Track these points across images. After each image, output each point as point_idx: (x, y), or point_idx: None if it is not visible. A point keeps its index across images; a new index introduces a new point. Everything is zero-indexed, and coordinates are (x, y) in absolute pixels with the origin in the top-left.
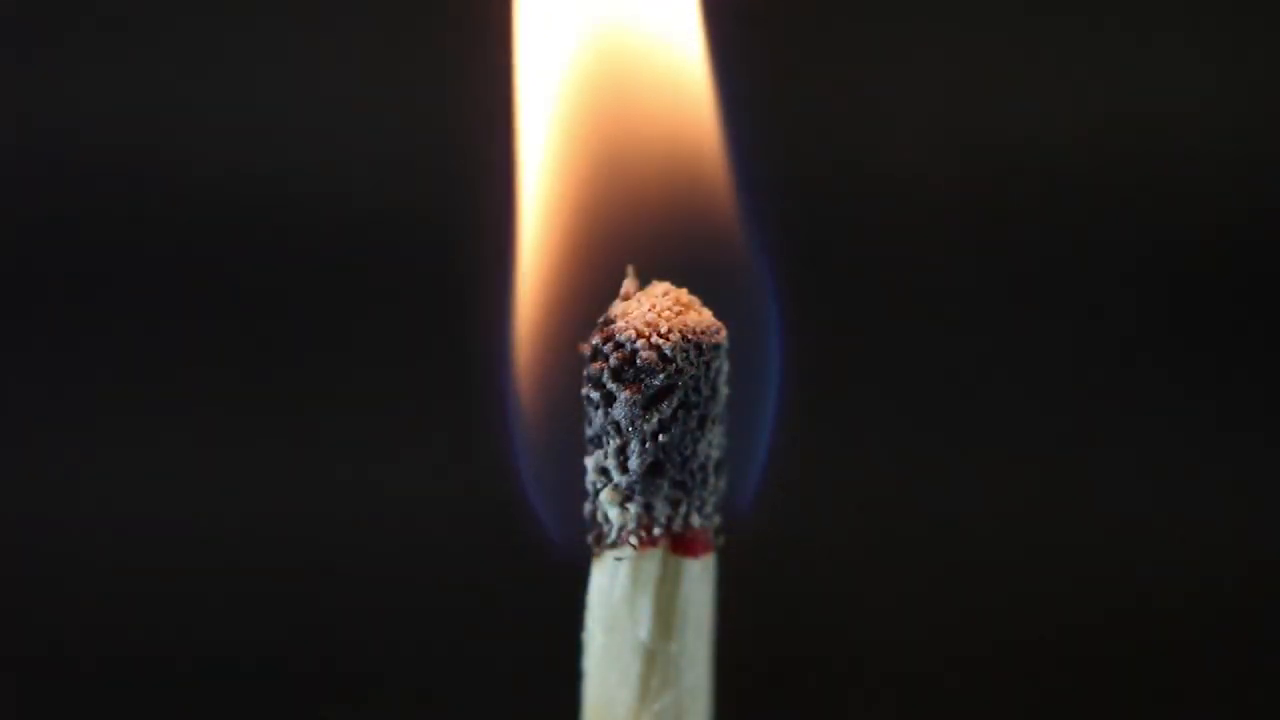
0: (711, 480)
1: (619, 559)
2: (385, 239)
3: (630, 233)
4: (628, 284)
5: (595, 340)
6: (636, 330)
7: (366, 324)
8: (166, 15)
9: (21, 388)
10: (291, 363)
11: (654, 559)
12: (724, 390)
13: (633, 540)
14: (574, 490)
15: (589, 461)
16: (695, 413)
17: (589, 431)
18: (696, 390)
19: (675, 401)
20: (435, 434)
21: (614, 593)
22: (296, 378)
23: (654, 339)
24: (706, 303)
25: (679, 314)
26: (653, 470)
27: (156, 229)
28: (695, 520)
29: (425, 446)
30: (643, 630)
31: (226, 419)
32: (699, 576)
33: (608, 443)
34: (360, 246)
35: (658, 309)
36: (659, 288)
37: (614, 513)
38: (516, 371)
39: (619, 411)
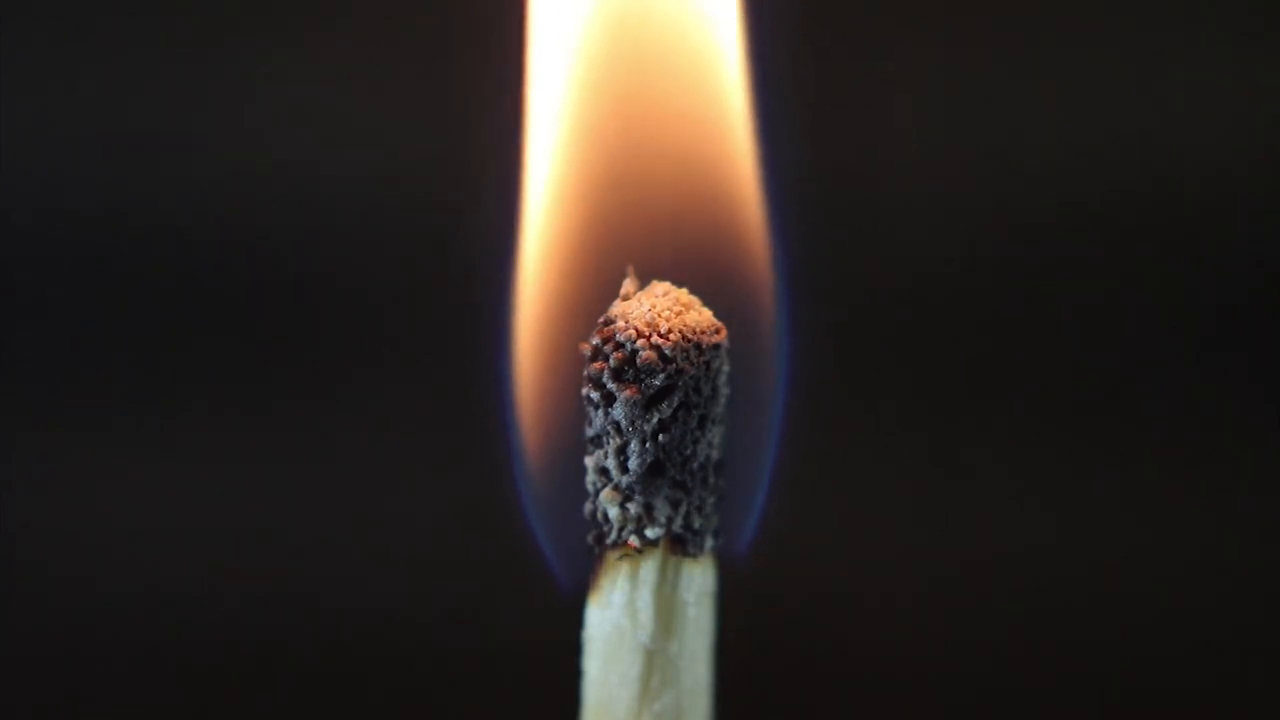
0: (711, 480)
1: (619, 559)
2: (385, 245)
3: (635, 232)
4: (627, 284)
5: (595, 340)
6: (636, 330)
7: (366, 328)
8: (169, 17)
9: (31, 396)
10: (292, 371)
11: (654, 559)
12: (724, 390)
13: (633, 540)
14: (574, 491)
15: (589, 461)
16: (695, 413)
17: (589, 431)
18: (696, 390)
19: (675, 401)
20: (436, 435)
21: (614, 593)
22: (297, 385)
23: (654, 339)
24: (707, 303)
25: (679, 314)
26: (653, 470)
27: (157, 234)
28: (695, 520)
29: (426, 448)
30: (643, 630)
31: (228, 430)
32: (699, 577)
33: (608, 443)
34: (361, 253)
35: (658, 309)
36: (659, 287)
37: (614, 512)
38: (517, 374)
39: (619, 411)
